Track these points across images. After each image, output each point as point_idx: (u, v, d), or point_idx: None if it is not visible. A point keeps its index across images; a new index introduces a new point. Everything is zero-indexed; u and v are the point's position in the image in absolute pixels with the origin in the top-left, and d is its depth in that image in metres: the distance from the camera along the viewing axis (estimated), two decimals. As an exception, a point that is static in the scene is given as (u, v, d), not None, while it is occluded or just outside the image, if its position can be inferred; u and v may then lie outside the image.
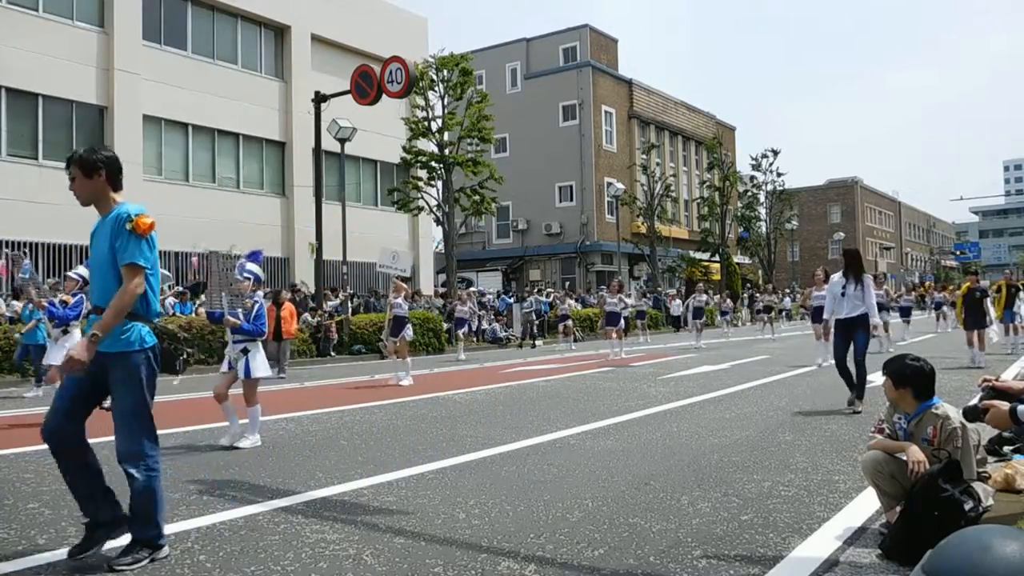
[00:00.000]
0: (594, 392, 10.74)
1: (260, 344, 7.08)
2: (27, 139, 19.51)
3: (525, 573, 3.44)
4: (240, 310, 6.86)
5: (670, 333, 30.82)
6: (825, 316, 8.89)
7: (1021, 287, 16.57)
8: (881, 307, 18.76)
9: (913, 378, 3.87)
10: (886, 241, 78.51)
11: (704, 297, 23.83)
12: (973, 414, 3.71)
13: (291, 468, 5.77)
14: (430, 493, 4.93)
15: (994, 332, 13.73)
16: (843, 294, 8.33)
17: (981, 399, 3.78)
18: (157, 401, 3.89)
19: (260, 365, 6.97)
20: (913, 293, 26.57)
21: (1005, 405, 3.62)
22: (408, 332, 13.06)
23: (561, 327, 23.16)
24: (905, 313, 22.89)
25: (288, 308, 15.27)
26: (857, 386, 8.21)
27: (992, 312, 13.91)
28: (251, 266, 7.21)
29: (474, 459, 6.01)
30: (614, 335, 17.76)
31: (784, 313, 32.11)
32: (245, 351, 6.89)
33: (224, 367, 7.08)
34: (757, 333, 26.79)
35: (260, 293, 7.28)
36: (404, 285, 13.52)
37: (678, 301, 32.37)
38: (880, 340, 17.37)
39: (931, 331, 25.22)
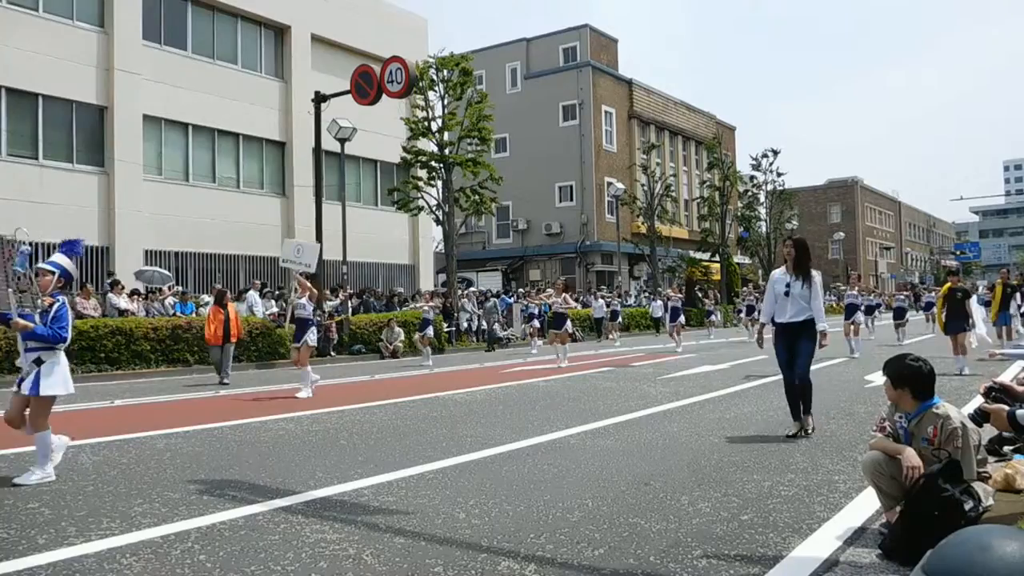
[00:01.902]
0: (594, 392, 10.74)
1: (61, 354, 5.58)
2: (27, 139, 19.50)
3: (525, 573, 3.44)
4: (35, 310, 5.42)
5: (647, 335, 29.91)
6: (762, 319, 7.28)
7: (1018, 286, 15.91)
8: (854, 308, 17.00)
9: (911, 378, 3.87)
10: (886, 241, 78.56)
11: (680, 296, 21.90)
12: (982, 417, 3.77)
13: (291, 468, 5.77)
14: (430, 493, 4.93)
15: (975, 338, 12.31)
16: (787, 293, 6.87)
17: (986, 399, 3.81)
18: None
19: (56, 380, 5.49)
20: (905, 293, 24.51)
21: (1005, 409, 3.66)
22: (311, 337, 11.40)
23: (528, 328, 22.64)
24: (899, 315, 21.43)
25: (232, 309, 14.01)
26: (803, 403, 6.82)
27: (976, 315, 12.63)
28: (59, 258, 5.83)
29: (474, 459, 6.01)
30: (558, 340, 16.14)
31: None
32: (39, 361, 5.47)
33: (15, 386, 5.61)
34: (742, 335, 25.86)
35: (62, 299, 5.72)
36: (307, 283, 11.95)
37: (659, 302, 30.34)
38: (850, 344, 16.12)
39: (927, 332, 25.15)
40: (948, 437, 3.73)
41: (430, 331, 17.98)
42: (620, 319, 26.22)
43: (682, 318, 21.35)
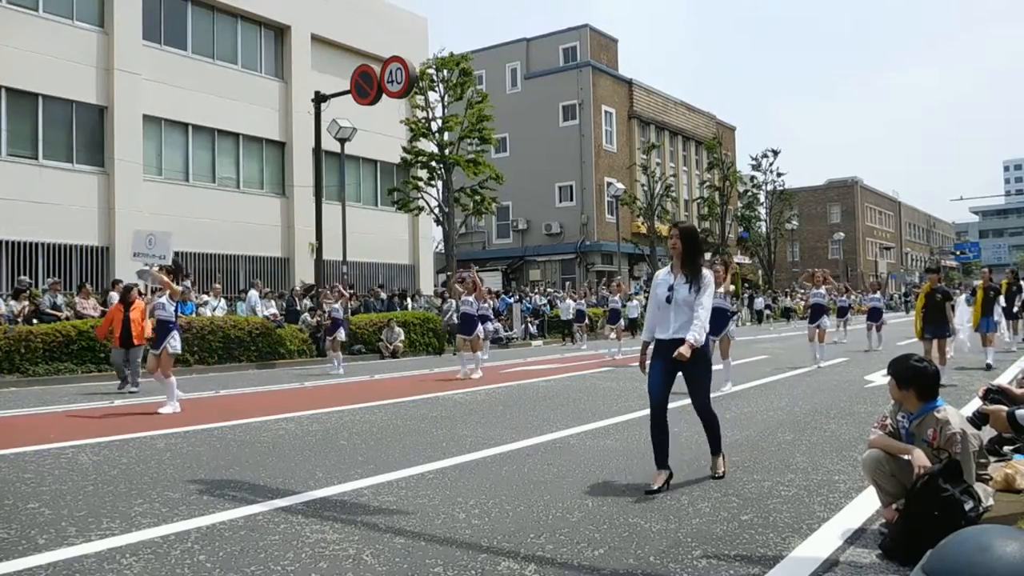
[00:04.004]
0: (594, 392, 10.74)
1: None
2: (27, 139, 19.49)
3: (525, 573, 3.44)
4: None
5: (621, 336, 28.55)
6: (644, 336, 5.31)
7: (1002, 288, 14.66)
8: (822, 310, 14.36)
9: (916, 379, 3.88)
10: (886, 241, 78.55)
11: (618, 298, 19.32)
12: (981, 420, 3.78)
13: (291, 468, 5.77)
14: (430, 493, 4.93)
15: (952, 346, 11.23)
16: (669, 299, 5.08)
17: (984, 401, 3.82)
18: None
19: None
20: (878, 292, 20.54)
21: (1004, 410, 3.66)
22: (173, 342, 9.38)
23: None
24: (873, 316, 18.58)
25: (138, 308, 12.11)
26: (711, 441, 5.30)
27: (956, 319, 11.47)
28: None
29: (474, 459, 6.01)
30: (467, 347, 13.78)
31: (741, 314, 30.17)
32: None
33: None
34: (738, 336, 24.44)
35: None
36: (166, 279, 9.60)
37: (636, 302, 27.98)
38: (815, 351, 13.96)
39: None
40: (947, 442, 3.73)
41: (341, 333, 15.77)
42: (587, 320, 25.05)
43: (621, 321, 19.44)
